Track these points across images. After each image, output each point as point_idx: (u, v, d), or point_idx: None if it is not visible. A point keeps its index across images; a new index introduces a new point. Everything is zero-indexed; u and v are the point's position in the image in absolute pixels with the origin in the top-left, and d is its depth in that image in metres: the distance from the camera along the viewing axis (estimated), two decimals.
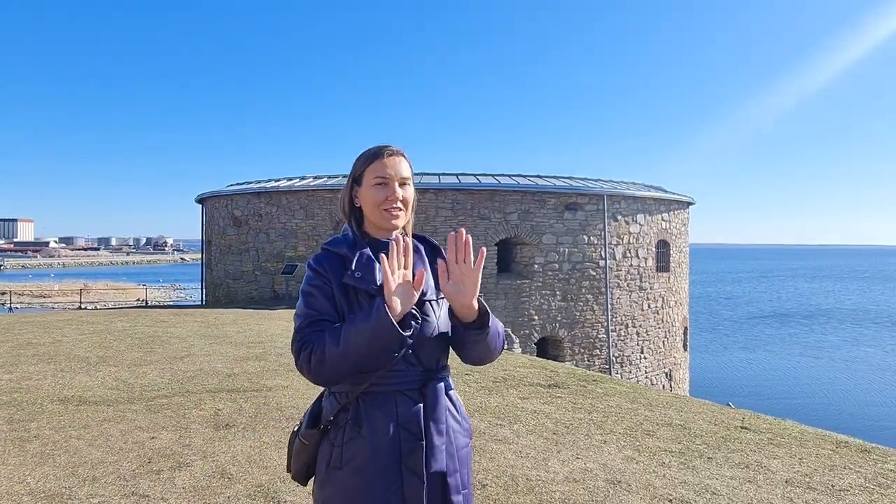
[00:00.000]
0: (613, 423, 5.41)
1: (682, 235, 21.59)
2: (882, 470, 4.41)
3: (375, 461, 1.64)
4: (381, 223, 1.79)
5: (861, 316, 52.56)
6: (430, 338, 1.73)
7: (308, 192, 18.46)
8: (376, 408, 1.67)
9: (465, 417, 1.82)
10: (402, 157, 1.81)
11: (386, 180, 1.76)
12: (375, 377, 1.68)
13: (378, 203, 1.76)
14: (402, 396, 1.68)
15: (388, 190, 1.76)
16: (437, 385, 1.72)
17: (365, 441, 1.65)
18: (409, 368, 1.70)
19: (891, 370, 30.91)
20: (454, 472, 1.71)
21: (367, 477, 1.64)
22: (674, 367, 20.95)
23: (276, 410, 5.51)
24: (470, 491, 1.78)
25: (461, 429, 1.78)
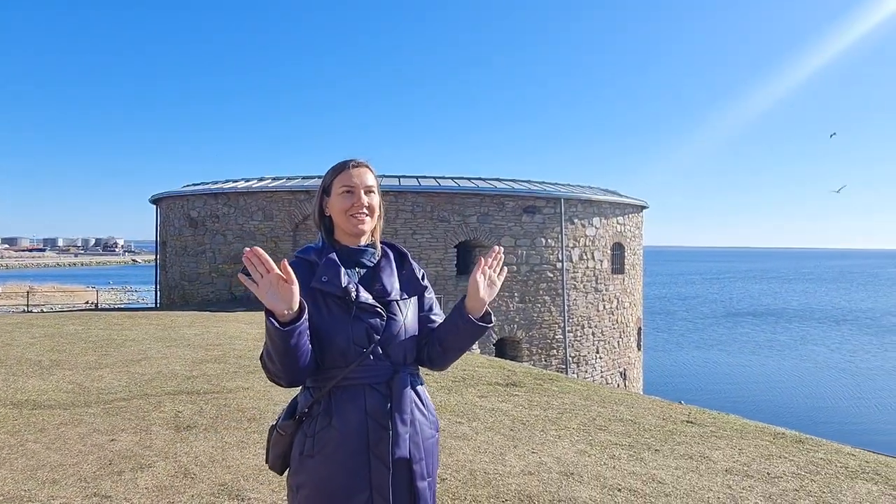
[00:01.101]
0: (568, 420, 5.63)
1: (636, 238, 22.17)
2: (813, 458, 4.73)
3: (344, 449, 1.77)
4: (349, 229, 1.92)
5: (807, 315, 54.69)
6: (398, 335, 1.87)
7: (267, 194, 18.32)
8: (346, 400, 1.80)
9: (432, 410, 1.96)
10: (366, 168, 1.97)
11: (352, 189, 1.91)
12: (347, 371, 1.81)
13: (345, 210, 1.91)
14: (371, 389, 1.82)
15: (354, 198, 1.91)
16: (403, 378, 1.86)
17: (335, 431, 1.78)
18: (377, 363, 1.84)
19: (834, 367, 32.31)
20: (419, 460, 1.84)
21: (337, 464, 1.77)
22: (628, 366, 21.49)
23: (237, 412, 5.55)
24: (434, 479, 1.91)
25: (427, 421, 1.91)
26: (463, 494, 3.80)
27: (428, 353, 1.96)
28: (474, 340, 1.94)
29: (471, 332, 1.89)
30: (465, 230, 17.57)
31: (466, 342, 1.93)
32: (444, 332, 1.94)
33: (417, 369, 1.98)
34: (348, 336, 1.82)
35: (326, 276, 1.85)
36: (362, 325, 1.83)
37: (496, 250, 1.94)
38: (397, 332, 1.87)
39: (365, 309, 1.85)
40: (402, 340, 1.89)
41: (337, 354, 1.82)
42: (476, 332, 1.89)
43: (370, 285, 1.91)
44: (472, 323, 1.88)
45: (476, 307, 1.88)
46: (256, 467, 4.17)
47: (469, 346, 1.96)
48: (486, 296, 1.89)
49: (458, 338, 1.92)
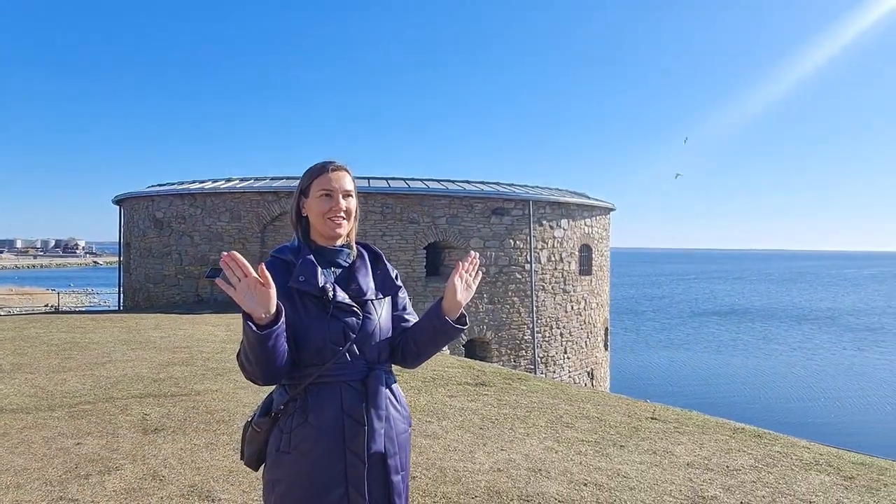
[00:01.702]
0: (536, 418, 5.73)
1: (604, 240, 22.50)
2: (770, 451, 4.91)
3: (320, 445, 1.81)
4: (326, 231, 1.97)
5: (769, 315, 56.13)
6: (373, 333, 1.93)
7: (234, 195, 18.12)
8: (322, 397, 1.85)
9: (405, 406, 2.02)
10: (345, 171, 2.01)
11: (331, 192, 1.95)
12: (323, 369, 1.85)
13: (323, 213, 1.95)
14: (347, 386, 1.86)
15: (332, 201, 1.95)
16: (378, 376, 1.91)
17: (311, 427, 1.82)
18: (353, 361, 1.89)
19: (795, 365, 33.24)
20: (394, 455, 1.90)
21: (313, 459, 1.81)
22: (595, 366, 21.80)
23: (205, 414, 5.52)
24: (407, 473, 1.97)
25: (401, 416, 1.97)
26: (433, 491, 3.86)
27: (402, 352, 2.01)
28: (449, 341, 2.00)
29: (446, 333, 1.95)
30: (434, 231, 17.63)
31: (441, 342, 1.99)
32: (419, 332, 1.99)
33: (391, 367, 2.03)
34: (325, 335, 1.86)
35: (304, 275, 1.89)
36: (339, 324, 1.87)
37: (473, 255, 2.01)
38: (372, 330, 1.92)
39: (341, 308, 1.89)
40: (377, 339, 1.94)
41: (313, 352, 1.86)
42: (451, 334, 1.95)
43: (346, 285, 1.95)
44: (448, 324, 1.93)
45: (453, 309, 1.94)
46: (226, 468, 4.17)
47: (443, 345, 2.02)
48: (463, 299, 1.95)
49: (433, 338, 1.98)
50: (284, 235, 17.91)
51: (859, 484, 4.25)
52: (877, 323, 51.40)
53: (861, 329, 47.41)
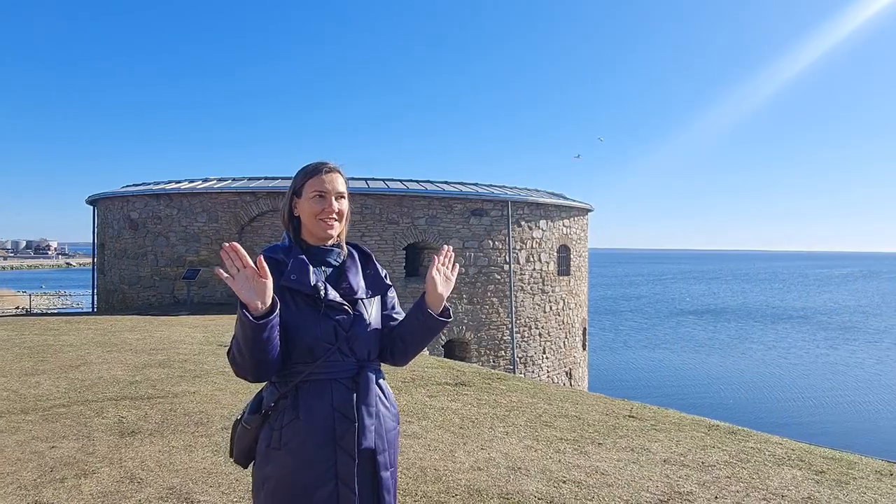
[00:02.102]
0: (515, 417, 5.77)
1: (582, 240, 22.67)
2: (744, 447, 5.01)
3: (311, 442, 1.83)
4: (318, 232, 1.99)
5: (744, 314, 57.04)
6: (363, 332, 1.95)
7: (212, 195, 17.94)
8: (313, 394, 1.87)
9: (394, 404, 2.05)
10: (338, 173, 2.03)
11: (324, 194, 1.97)
12: (314, 367, 1.87)
13: (316, 214, 1.97)
14: (337, 384, 1.89)
15: (325, 202, 1.97)
16: (368, 373, 1.94)
17: (302, 424, 1.84)
18: (343, 359, 1.91)
19: (769, 363, 33.82)
20: (383, 451, 1.92)
21: (303, 456, 1.83)
22: (573, 365, 21.96)
23: (183, 416, 5.47)
24: (395, 469, 2.00)
25: (389, 414, 1.99)
26: (414, 490, 3.88)
27: (390, 350, 2.04)
28: (434, 335, 2.03)
29: (431, 326, 1.99)
30: (413, 232, 17.63)
31: (427, 337, 2.02)
32: (405, 329, 2.03)
33: (379, 364, 2.05)
34: (316, 333, 1.88)
35: (295, 274, 1.91)
36: (330, 323, 1.89)
37: (445, 248, 2.05)
38: (362, 329, 1.95)
39: (333, 307, 1.91)
40: (367, 337, 1.96)
41: (304, 350, 1.88)
42: (436, 327, 1.99)
43: (337, 284, 1.98)
44: (432, 318, 1.97)
45: (435, 303, 1.98)
46: (205, 470, 4.14)
47: (429, 340, 2.05)
48: (444, 291, 1.98)
49: (419, 333, 2.01)
50: (262, 237, 17.79)
51: (829, 478, 4.35)
52: (848, 322, 52.52)
53: (833, 328, 48.38)
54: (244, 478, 4.02)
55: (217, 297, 17.80)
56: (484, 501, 3.74)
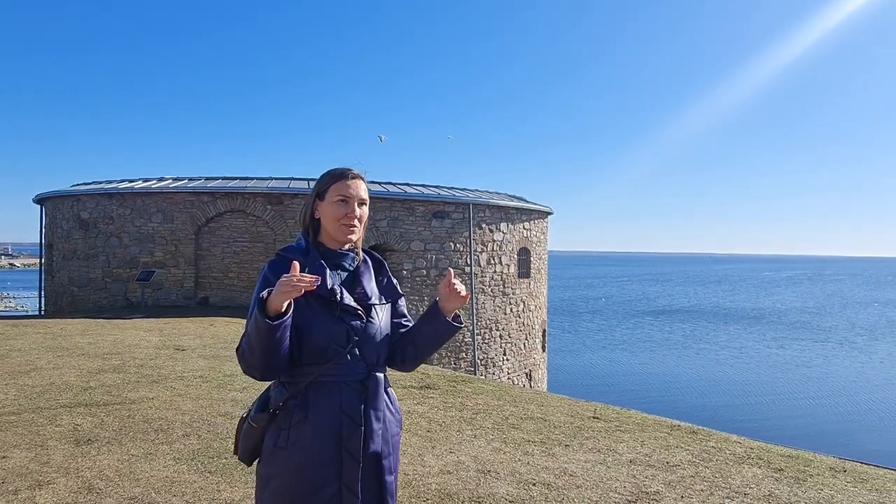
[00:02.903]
0: (482, 419, 5.78)
1: (541, 243, 22.91)
2: (706, 447, 5.13)
3: (318, 443, 1.85)
4: (339, 236, 2.01)
5: (697, 315, 58.55)
6: (374, 337, 1.97)
7: (167, 195, 17.48)
8: (323, 396, 1.88)
9: (398, 410, 2.06)
10: (362, 180, 2.05)
11: (347, 199, 1.99)
12: (324, 369, 1.89)
13: (338, 218, 1.99)
14: (347, 387, 1.90)
15: (348, 207, 1.99)
16: (377, 378, 1.95)
17: (310, 425, 1.86)
18: (353, 363, 1.92)
19: (724, 363, 34.79)
20: (388, 456, 1.94)
21: (310, 456, 1.84)
22: (533, 367, 22.16)
23: (143, 423, 5.30)
24: (397, 474, 2.01)
25: (394, 419, 2.01)
26: None
27: (400, 356, 2.06)
28: (445, 340, 2.04)
29: (443, 332, 2.01)
30: (375, 234, 17.53)
31: (438, 342, 2.04)
32: (416, 335, 2.05)
33: (385, 370, 2.06)
34: (329, 335, 1.89)
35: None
36: (343, 326, 1.91)
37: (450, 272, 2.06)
38: (374, 334, 1.96)
39: (347, 311, 1.93)
40: (377, 342, 1.98)
41: (316, 352, 1.89)
42: (448, 332, 2.01)
43: (352, 288, 1.99)
44: (445, 323, 2.00)
45: (449, 309, 2.00)
46: (168, 479, 4.02)
47: (439, 345, 2.06)
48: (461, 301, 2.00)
49: (431, 338, 2.03)
50: (221, 238, 17.43)
51: (788, 475, 4.49)
52: (796, 322, 54.47)
53: (782, 328, 50.09)
54: (209, 486, 3.93)
55: (172, 299, 17.35)
56: None
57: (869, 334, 47.38)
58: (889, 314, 62.45)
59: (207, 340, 10.75)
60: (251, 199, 17.34)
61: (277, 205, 17.34)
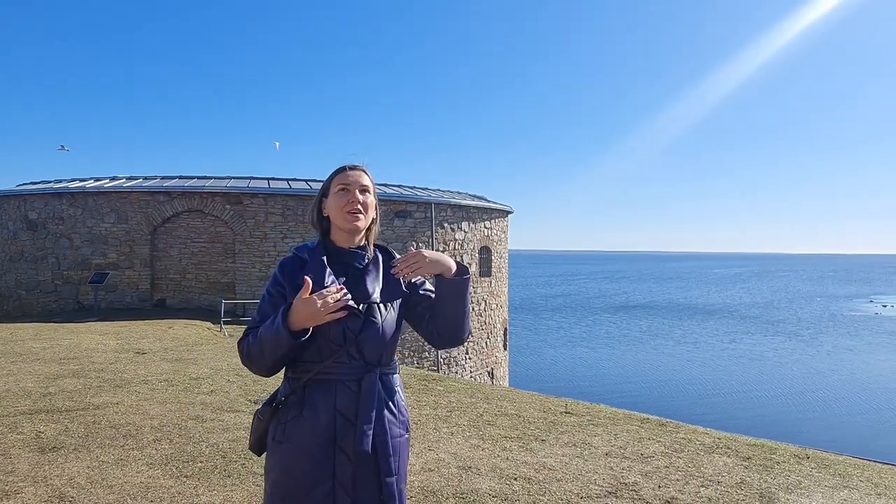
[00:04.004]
0: (457, 417, 5.81)
1: (502, 242, 23.09)
2: (676, 438, 5.27)
3: (312, 439, 1.85)
4: (345, 225, 1.99)
5: (653, 311, 59.96)
6: (374, 336, 1.93)
7: (121, 194, 16.97)
8: (319, 393, 1.89)
9: (403, 411, 2.01)
10: (363, 171, 2.06)
11: (347, 187, 2.00)
12: (322, 367, 1.88)
13: (341, 207, 1.99)
14: (342, 385, 1.89)
15: (349, 195, 1.99)
16: (373, 377, 1.92)
17: (305, 421, 1.87)
18: (351, 362, 1.91)
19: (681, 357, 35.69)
20: (386, 457, 1.90)
21: (303, 452, 1.85)
22: (495, 365, 22.33)
23: (109, 429, 5.14)
24: (402, 477, 1.95)
25: (396, 420, 1.96)
26: None
27: (436, 329, 2.02)
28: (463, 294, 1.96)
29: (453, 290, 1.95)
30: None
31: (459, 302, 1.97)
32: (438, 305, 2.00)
33: (393, 370, 2.02)
34: (326, 334, 1.89)
35: (312, 274, 1.92)
36: (340, 325, 1.89)
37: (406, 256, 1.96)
38: (374, 334, 1.94)
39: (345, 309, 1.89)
40: (379, 342, 1.94)
41: (314, 350, 1.90)
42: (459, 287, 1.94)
43: (354, 287, 1.96)
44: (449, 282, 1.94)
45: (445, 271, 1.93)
46: (143, 485, 3.91)
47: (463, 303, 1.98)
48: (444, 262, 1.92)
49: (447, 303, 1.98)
50: (178, 238, 17.03)
51: (756, 463, 4.65)
52: (746, 316, 56.40)
53: (734, 322, 51.75)
54: (187, 490, 3.84)
55: (127, 301, 16.86)
56: (440, 502, 3.74)
57: (814, 327, 49.37)
58: (831, 308, 65.20)
59: (168, 343, 10.49)
60: (209, 199, 16.99)
61: (237, 204, 17.03)
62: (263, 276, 16.70)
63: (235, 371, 7.67)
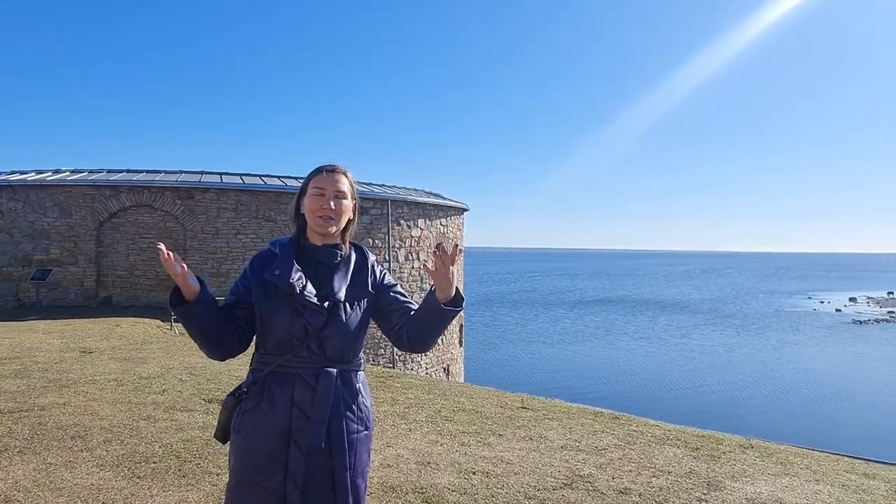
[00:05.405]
0: (415, 413, 5.83)
1: (458, 239, 23.20)
2: (629, 431, 5.42)
3: (266, 430, 1.89)
4: (316, 228, 2.04)
5: (607, 307, 61.21)
6: (337, 333, 1.96)
7: (65, 188, 16.35)
8: (277, 386, 1.92)
9: (364, 408, 2.02)
10: (342, 174, 2.07)
11: (323, 192, 2.02)
12: (283, 360, 1.92)
13: (314, 211, 2.02)
14: (301, 379, 1.92)
15: (323, 200, 2.01)
16: (331, 373, 1.93)
17: (262, 412, 1.91)
18: (311, 357, 1.94)
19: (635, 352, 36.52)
20: (342, 452, 1.92)
21: (258, 443, 1.89)
22: (451, 362, 22.43)
23: (56, 430, 4.97)
24: (361, 474, 1.97)
25: (355, 416, 1.98)
26: None
27: (408, 334, 2.04)
28: (448, 321, 1.99)
29: (444, 317, 1.98)
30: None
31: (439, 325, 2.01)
32: (419, 319, 2.03)
33: (356, 367, 2.04)
34: (288, 328, 1.92)
35: (279, 269, 1.95)
36: (302, 321, 1.92)
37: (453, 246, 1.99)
38: (336, 331, 1.96)
39: (307, 306, 1.94)
40: (340, 339, 1.97)
41: (275, 343, 1.94)
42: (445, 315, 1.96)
43: (321, 284, 1.99)
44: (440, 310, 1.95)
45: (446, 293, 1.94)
46: (94, 486, 3.81)
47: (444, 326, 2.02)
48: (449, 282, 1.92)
49: (431, 322, 2.00)
50: (125, 234, 16.53)
51: (704, 454, 4.83)
52: (697, 312, 58.13)
53: (684, 318, 53.24)
54: (140, 492, 3.76)
55: (71, 299, 16.27)
56: (399, 497, 3.76)
57: (760, 322, 51.28)
58: (775, 304, 67.84)
59: (115, 342, 10.19)
60: (159, 194, 16.53)
61: (188, 199, 16.61)
62: (216, 272, 16.37)
63: (188, 370, 7.51)
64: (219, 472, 4.04)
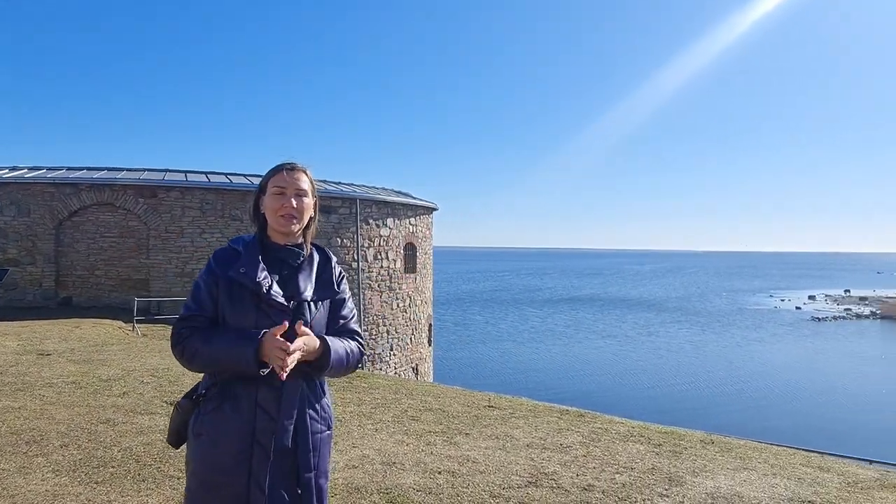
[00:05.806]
0: (382, 413, 5.81)
1: (427, 238, 23.18)
2: (594, 428, 5.48)
3: (230, 433, 1.85)
4: (279, 228, 2.00)
5: (576, 305, 61.86)
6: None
7: (23, 185, 15.88)
8: (241, 388, 1.87)
9: (326, 408, 2.01)
10: (302, 172, 2.04)
11: (283, 190, 1.99)
12: None
13: (275, 210, 1.98)
14: (265, 381, 1.87)
15: (284, 199, 1.98)
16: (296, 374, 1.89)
17: (225, 414, 1.86)
18: None
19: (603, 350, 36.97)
20: (307, 452, 1.91)
21: (221, 445, 1.85)
22: (420, 361, 22.42)
23: (10, 435, 4.83)
24: (323, 473, 1.96)
25: (318, 416, 1.97)
26: None
27: None
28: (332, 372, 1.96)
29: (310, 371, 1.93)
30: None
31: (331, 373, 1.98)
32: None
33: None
34: (254, 328, 1.87)
35: (245, 268, 1.92)
36: (267, 321, 1.88)
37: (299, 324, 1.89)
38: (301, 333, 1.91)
39: (273, 306, 1.91)
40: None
41: None
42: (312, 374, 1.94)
43: (286, 284, 1.96)
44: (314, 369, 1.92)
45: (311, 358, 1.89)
46: (49, 493, 3.71)
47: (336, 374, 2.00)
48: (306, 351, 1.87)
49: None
50: (85, 233, 16.13)
51: (666, 449, 4.91)
52: (664, 309, 59.08)
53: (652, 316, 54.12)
54: (97, 497, 3.67)
55: (29, 300, 15.81)
56: (364, 498, 3.74)
57: (724, 320, 52.42)
58: (738, 302, 69.42)
59: (74, 344, 9.94)
60: (121, 192, 16.17)
61: (151, 198, 16.29)
62: (180, 272, 16.09)
63: (150, 372, 7.36)
64: (179, 476, 3.96)
